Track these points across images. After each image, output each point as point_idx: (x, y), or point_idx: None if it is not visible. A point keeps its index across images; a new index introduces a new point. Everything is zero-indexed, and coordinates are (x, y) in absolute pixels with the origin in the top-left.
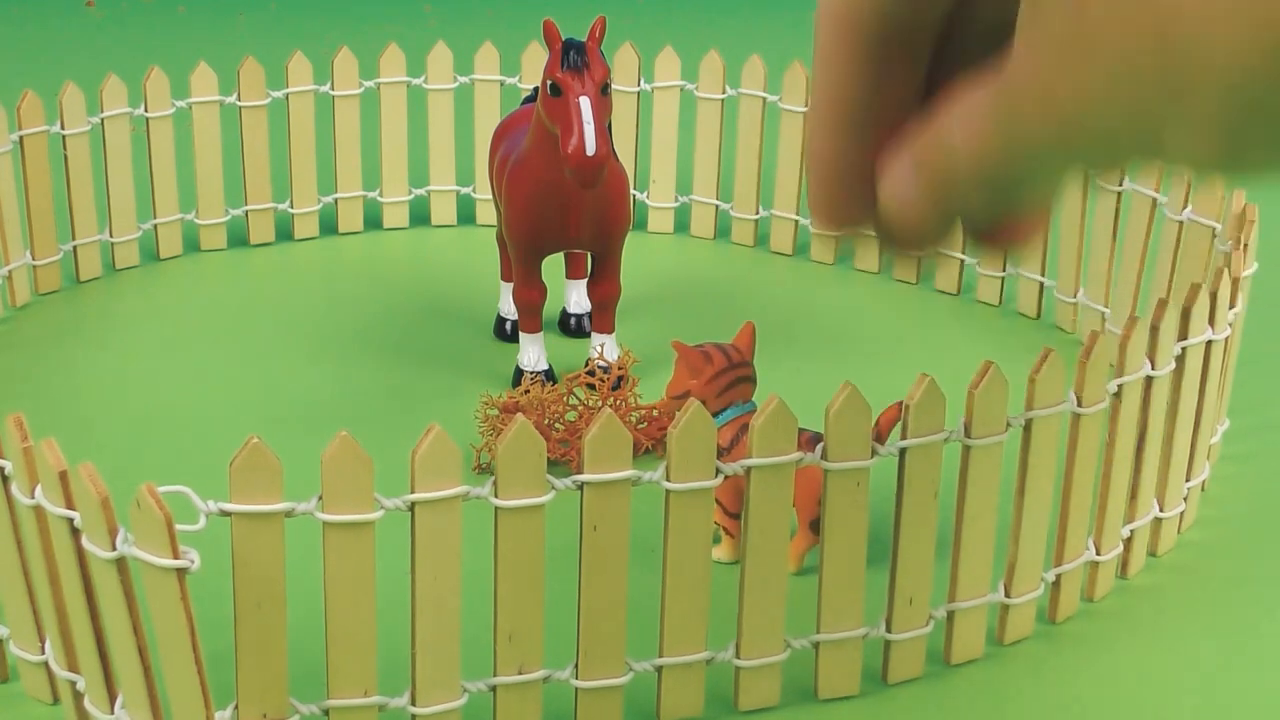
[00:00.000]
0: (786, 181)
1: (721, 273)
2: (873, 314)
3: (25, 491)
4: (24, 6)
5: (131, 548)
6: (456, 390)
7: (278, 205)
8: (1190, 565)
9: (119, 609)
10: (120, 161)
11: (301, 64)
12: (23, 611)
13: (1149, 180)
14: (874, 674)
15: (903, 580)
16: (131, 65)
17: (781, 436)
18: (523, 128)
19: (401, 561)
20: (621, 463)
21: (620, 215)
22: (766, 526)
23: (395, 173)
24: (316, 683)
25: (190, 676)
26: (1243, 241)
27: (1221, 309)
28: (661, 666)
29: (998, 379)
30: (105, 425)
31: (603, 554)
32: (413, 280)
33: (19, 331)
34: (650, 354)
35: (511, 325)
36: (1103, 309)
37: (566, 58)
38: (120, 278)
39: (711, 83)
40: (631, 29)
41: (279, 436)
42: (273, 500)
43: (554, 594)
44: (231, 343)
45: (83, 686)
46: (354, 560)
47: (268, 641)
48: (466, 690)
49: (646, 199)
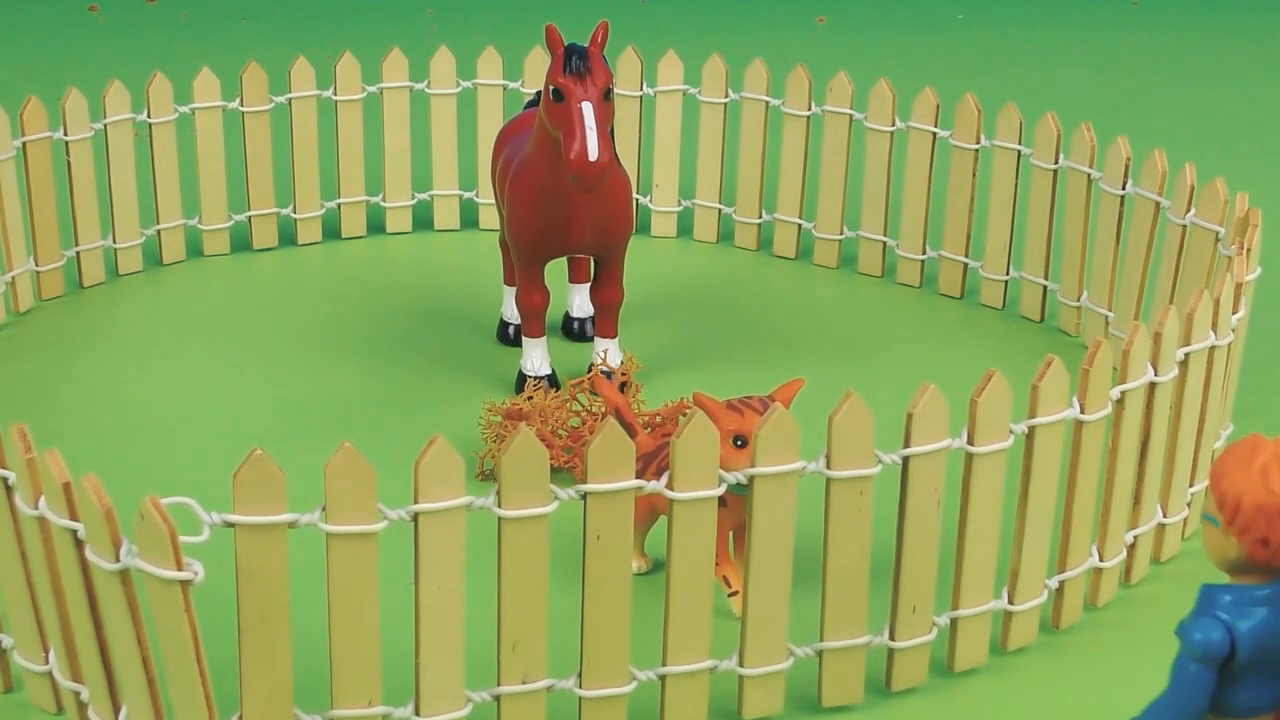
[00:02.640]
0: (789, 186)
1: (724, 277)
2: (876, 317)
3: (29, 502)
4: (27, 11)
5: (135, 559)
6: (460, 394)
7: (280, 210)
8: (1194, 572)
9: (123, 620)
10: (123, 167)
11: (304, 69)
12: (27, 622)
13: (1152, 184)
14: (877, 682)
15: (906, 588)
16: (134, 70)
17: (784, 446)
18: (525, 132)
19: (405, 571)
20: (624, 473)
21: (623, 220)
22: (770, 535)
23: (398, 177)
24: (320, 692)
25: (195, 687)
26: (1246, 246)
27: (1224, 314)
28: (665, 675)
29: (1000, 387)
30: (107, 429)
31: (606, 563)
32: (416, 284)
33: (22, 336)
34: (653, 358)
35: (515, 329)
36: (1106, 312)
37: (569, 63)
38: (123, 283)
39: (714, 87)
40: (634, 34)
41: (282, 442)
42: (276, 511)
43: (557, 603)
44: (234, 347)
45: (87, 697)
46: (357, 570)
47: (272, 651)
48: (470, 699)
49: (649, 203)
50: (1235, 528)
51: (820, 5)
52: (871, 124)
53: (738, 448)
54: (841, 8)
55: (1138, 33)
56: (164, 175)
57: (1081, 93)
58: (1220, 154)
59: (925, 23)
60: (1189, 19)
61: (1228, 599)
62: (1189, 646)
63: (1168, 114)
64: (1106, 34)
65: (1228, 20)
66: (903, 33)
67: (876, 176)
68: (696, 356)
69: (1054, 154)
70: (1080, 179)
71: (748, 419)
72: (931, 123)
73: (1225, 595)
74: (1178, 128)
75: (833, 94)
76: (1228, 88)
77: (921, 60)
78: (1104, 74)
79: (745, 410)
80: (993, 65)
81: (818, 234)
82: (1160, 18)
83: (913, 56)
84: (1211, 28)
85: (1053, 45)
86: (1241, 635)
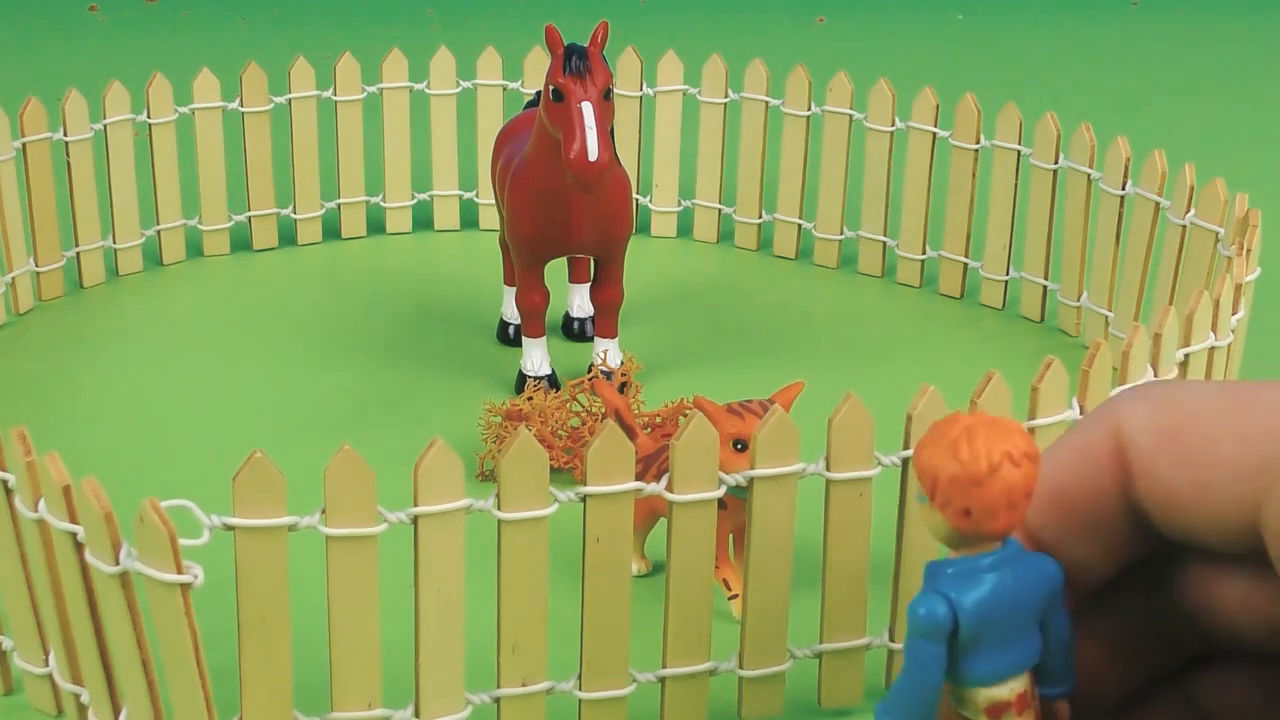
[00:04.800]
0: (789, 185)
1: (724, 277)
2: (876, 318)
3: (29, 505)
4: (27, 10)
5: (135, 562)
6: (459, 395)
7: (280, 210)
8: None
9: (123, 623)
10: (123, 167)
11: (304, 69)
12: (27, 624)
13: (1152, 184)
14: (877, 684)
15: (906, 590)
16: (134, 70)
17: (784, 448)
18: (525, 132)
19: (405, 573)
20: (624, 475)
21: (623, 220)
22: (770, 537)
23: (398, 178)
24: (320, 695)
25: (194, 690)
26: (1246, 246)
27: (1224, 314)
28: (665, 677)
29: (1000, 389)
30: (108, 432)
31: (606, 565)
32: (416, 285)
33: (22, 337)
34: (653, 359)
35: (514, 330)
36: (1106, 313)
37: (569, 63)
38: (123, 283)
39: (714, 87)
40: (634, 33)
41: (281, 444)
42: (276, 514)
43: (557, 605)
44: (234, 348)
45: (87, 699)
46: (357, 573)
47: (272, 655)
48: (470, 702)
49: (649, 203)
50: (938, 502)
51: (820, 5)
52: (871, 124)
53: (738, 451)
54: (841, 8)
55: (1138, 33)
56: (164, 175)
57: (1081, 93)
58: (1220, 154)
59: (925, 23)
60: (1189, 19)
61: (950, 572)
62: (913, 623)
63: (1168, 114)
64: (1106, 34)
65: (1228, 20)
66: (903, 33)
67: (876, 176)
68: (696, 357)
69: (1054, 154)
70: (1080, 179)
71: (748, 423)
72: (931, 123)
73: (949, 568)
74: (1178, 128)
75: (833, 94)
76: (1228, 88)
77: (921, 60)
78: (1104, 74)
79: (745, 414)
80: (993, 65)
81: (818, 234)
82: (1160, 18)
83: (913, 56)
84: (1211, 28)
85: (1053, 45)
86: (963, 607)
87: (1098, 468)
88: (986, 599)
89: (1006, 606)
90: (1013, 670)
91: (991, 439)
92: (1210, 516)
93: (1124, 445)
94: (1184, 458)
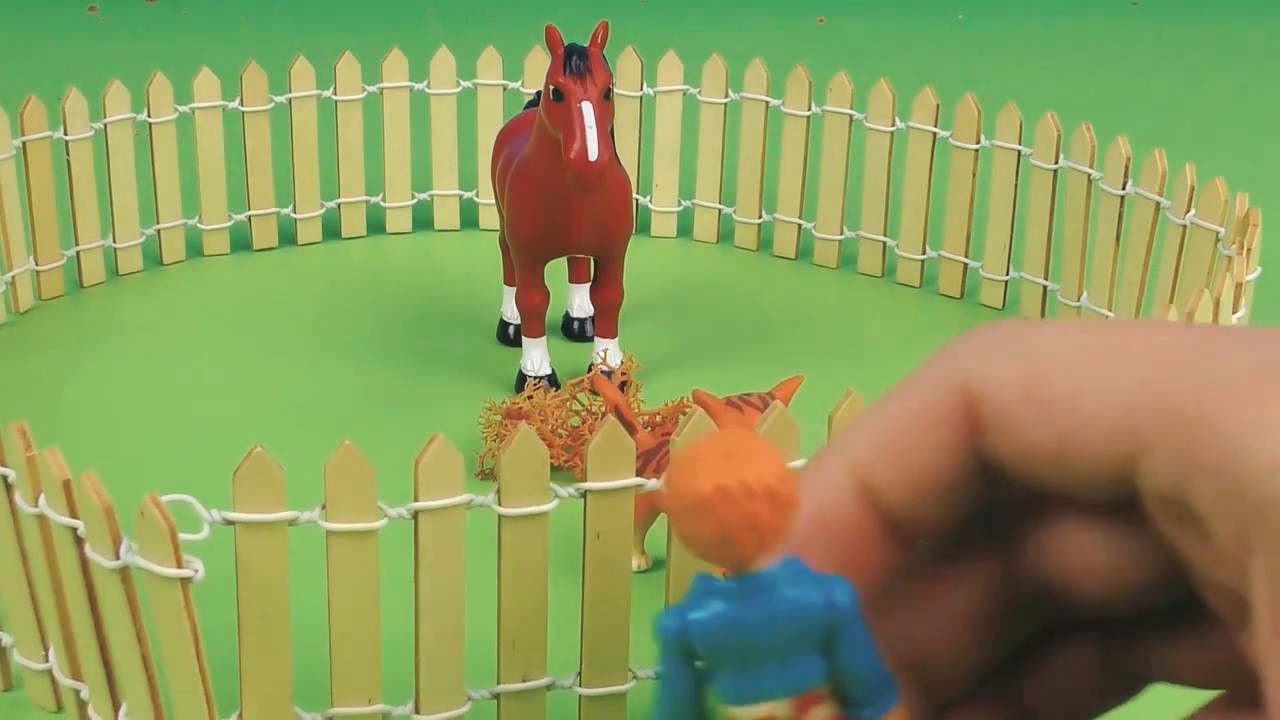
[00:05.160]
0: (789, 185)
1: (724, 277)
2: (876, 318)
3: (29, 500)
4: (27, 10)
5: (135, 557)
6: (459, 395)
7: (280, 210)
8: None
9: (123, 618)
10: (123, 166)
11: (304, 69)
12: (26, 619)
13: (1152, 184)
14: None
15: None
16: (134, 69)
17: (784, 443)
18: (525, 132)
19: (405, 569)
20: (624, 471)
21: (623, 220)
22: None
23: (398, 177)
24: (320, 690)
25: (194, 685)
26: (1246, 245)
27: (1224, 314)
28: None
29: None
30: (108, 430)
31: (606, 561)
32: (415, 285)
33: (22, 336)
34: (653, 358)
35: (514, 330)
36: (1107, 312)
37: (569, 63)
38: (123, 283)
39: (714, 87)
40: (634, 33)
41: (282, 442)
42: (276, 509)
43: (558, 601)
44: (234, 347)
45: (86, 695)
46: (357, 568)
47: (272, 650)
48: (470, 698)
49: (649, 203)
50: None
51: (820, 5)
52: (871, 124)
53: None
54: (841, 8)
55: (1138, 33)
56: (164, 174)
57: (1081, 93)
58: (1220, 154)
59: (925, 23)
60: (1189, 19)
61: (696, 587)
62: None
63: (1168, 114)
64: (1106, 34)
65: (1228, 20)
66: (903, 33)
67: (876, 176)
68: (696, 356)
69: (1054, 154)
70: (1080, 179)
71: (748, 416)
72: (931, 123)
73: (698, 584)
74: (1178, 128)
75: (833, 94)
76: (1228, 87)
77: (921, 60)
78: (1104, 74)
79: (745, 407)
80: (993, 65)
81: (818, 234)
82: (1160, 18)
83: (913, 56)
84: (1211, 28)
85: (1053, 45)
86: (691, 624)
87: (943, 422)
88: (710, 622)
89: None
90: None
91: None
92: (1077, 472)
93: (975, 399)
94: (1046, 412)
